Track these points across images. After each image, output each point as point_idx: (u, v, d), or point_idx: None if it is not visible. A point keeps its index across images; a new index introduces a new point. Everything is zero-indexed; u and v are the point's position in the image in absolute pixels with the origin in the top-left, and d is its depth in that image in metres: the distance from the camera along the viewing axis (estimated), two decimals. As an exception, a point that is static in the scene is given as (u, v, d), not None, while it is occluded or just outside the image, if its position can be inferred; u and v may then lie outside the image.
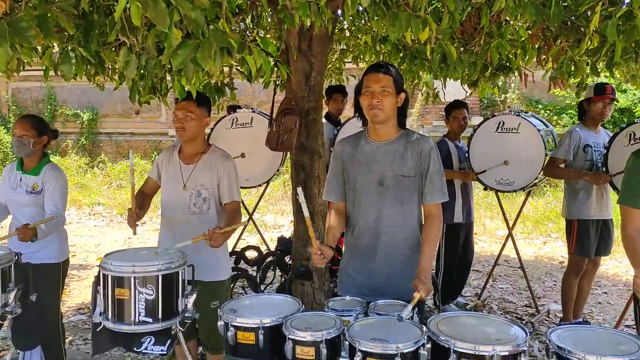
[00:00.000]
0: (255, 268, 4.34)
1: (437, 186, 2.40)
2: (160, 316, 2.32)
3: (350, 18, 3.27)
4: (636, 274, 2.20)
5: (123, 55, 1.93)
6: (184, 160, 2.94)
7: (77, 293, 5.51)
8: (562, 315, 4.43)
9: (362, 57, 4.94)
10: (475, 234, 7.87)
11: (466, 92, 4.43)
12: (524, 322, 4.67)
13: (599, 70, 3.08)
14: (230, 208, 2.88)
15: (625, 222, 2.33)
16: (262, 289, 4.37)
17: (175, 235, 2.88)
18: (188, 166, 2.91)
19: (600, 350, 1.72)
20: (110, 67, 3.24)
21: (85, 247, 7.58)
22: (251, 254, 4.58)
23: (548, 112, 11.06)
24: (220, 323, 2.08)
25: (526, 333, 1.84)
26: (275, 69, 3.09)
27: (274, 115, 3.56)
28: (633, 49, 2.79)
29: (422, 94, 6.38)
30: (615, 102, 4.14)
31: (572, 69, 2.80)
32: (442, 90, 4.55)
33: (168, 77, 2.64)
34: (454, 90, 4.99)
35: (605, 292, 5.54)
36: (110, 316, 2.34)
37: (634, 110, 9.86)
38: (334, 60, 5.45)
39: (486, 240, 7.86)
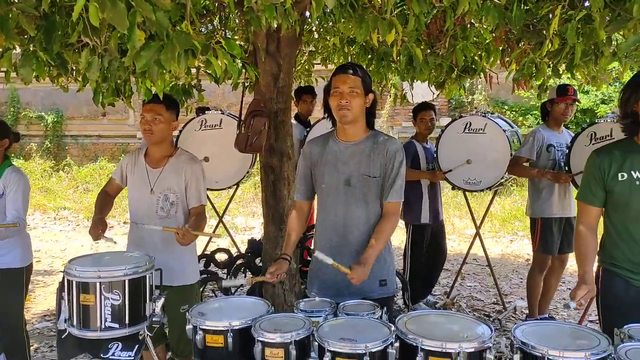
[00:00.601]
0: (225, 271, 4.32)
1: (398, 187, 2.41)
2: (127, 321, 2.28)
3: (318, 20, 3.27)
4: (580, 277, 2.26)
5: (85, 56, 1.89)
6: (151, 163, 2.90)
7: (42, 299, 5.38)
8: (528, 311, 4.53)
9: (330, 58, 4.95)
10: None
11: (433, 94, 4.50)
12: (491, 319, 4.76)
13: (561, 72, 3.16)
14: (195, 212, 2.86)
15: (579, 217, 2.42)
16: (233, 291, 4.34)
17: (144, 240, 2.85)
18: (155, 170, 2.88)
19: (563, 345, 1.76)
20: (74, 68, 3.19)
21: (50, 252, 7.40)
22: (221, 257, 4.55)
23: (514, 113, 11.30)
24: (188, 327, 2.05)
25: (492, 330, 1.88)
26: (244, 70, 3.08)
27: (242, 117, 3.54)
28: (592, 51, 2.87)
29: (390, 96, 6.44)
30: (577, 103, 4.26)
31: (534, 70, 2.87)
32: (409, 92, 4.60)
33: (133, 79, 2.61)
34: (422, 91, 5.06)
35: (569, 288, 5.64)
36: (75, 322, 2.29)
37: (595, 111, 10.13)
38: (302, 61, 5.45)
39: (455, 239, 7.98)
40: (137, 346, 2.38)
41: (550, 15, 2.50)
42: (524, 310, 4.77)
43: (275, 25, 2.21)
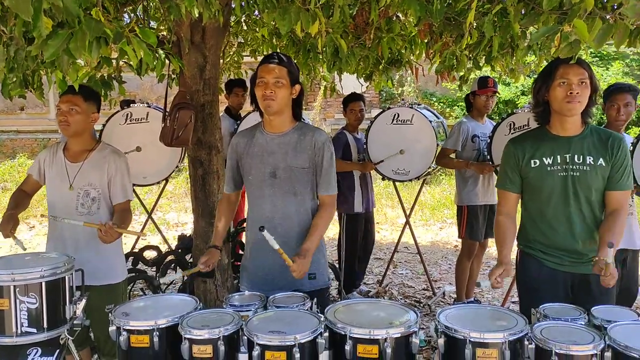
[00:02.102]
0: (154, 268, 4.20)
1: (332, 178, 2.45)
2: (45, 325, 2.18)
3: (243, 11, 3.22)
4: (498, 260, 2.37)
5: (-11, 45, 1.77)
6: (70, 158, 2.77)
7: (-45, 307, 5.03)
8: (455, 295, 4.70)
9: (259, 50, 4.90)
10: (377, 223, 8.14)
11: (362, 85, 4.55)
12: (421, 304, 4.90)
13: (481, 64, 3.28)
14: (120, 207, 2.77)
15: (499, 204, 2.53)
16: (163, 289, 4.24)
17: (64, 239, 2.72)
18: (74, 165, 2.75)
19: (484, 327, 1.83)
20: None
21: (-36, 256, 6.92)
22: (151, 254, 4.43)
23: (441, 104, 11.67)
24: (111, 328, 1.98)
25: (417, 315, 1.93)
26: (167, 61, 2.99)
27: (167, 110, 3.45)
28: (509, 44, 3.00)
29: (320, 88, 6.45)
30: (497, 94, 4.45)
31: (454, 62, 2.96)
32: (339, 84, 4.63)
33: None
34: (353, 83, 5.10)
35: (494, 272, 5.93)
36: (-12, 329, 2.16)
37: (516, 102, 10.64)
38: (231, 53, 5.37)
39: (387, 228, 8.15)
40: (57, 351, 2.28)
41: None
42: (452, 295, 4.94)
43: (197, 15, 2.15)
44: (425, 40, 3.56)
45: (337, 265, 4.77)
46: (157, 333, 1.91)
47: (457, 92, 10.97)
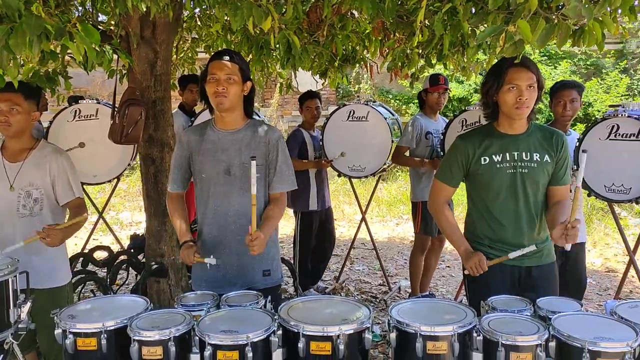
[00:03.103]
0: (105, 269, 4.10)
1: (286, 175, 2.44)
2: (-12, 330, 2.10)
3: (193, 5, 3.16)
4: (460, 251, 2.45)
5: None
6: (8, 158, 2.66)
7: None
8: (411, 290, 4.77)
9: (214, 46, 4.83)
10: (335, 219, 8.18)
11: (317, 82, 4.56)
12: (378, 299, 4.95)
13: (433, 62, 3.32)
14: (74, 205, 2.69)
15: (436, 194, 2.57)
16: (116, 290, 4.14)
17: (5, 242, 2.61)
18: (14, 165, 2.64)
19: (434, 320, 1.86)
20: None
21: None
22: (101, 255, 4.31)
23: (397, 101, 11.79)
24: (57, 331, 1.91)
25: (370, 311, 1.94)
26: (116, 56, 2.91)
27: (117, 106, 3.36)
28: (460, 43, 3.05)
29: (276, 85, 6.40)
30: (448, 91, 4.54)
31: (405, 60, 2.99)
32: (294, 80, 4.62)
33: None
34: (310, 80, 5.10)
35: (449, 266, 6.07)
36: None
37: (470, 100, 10.86)
38: (185, 49, 5.27)
39: (345, 225, 8.19)
40: (2, 356, 2.21)
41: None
42: (408, 290, 5.02)
43: (144, 9, 2.10)
44: (380, 38, 3.59)
45: (292, 263, 4.77)
46: (105, 335, 1.86)
47: (414, 90, 11.11)
